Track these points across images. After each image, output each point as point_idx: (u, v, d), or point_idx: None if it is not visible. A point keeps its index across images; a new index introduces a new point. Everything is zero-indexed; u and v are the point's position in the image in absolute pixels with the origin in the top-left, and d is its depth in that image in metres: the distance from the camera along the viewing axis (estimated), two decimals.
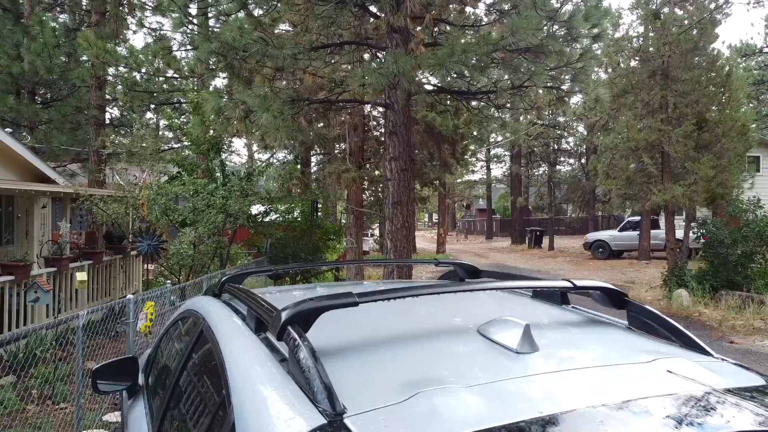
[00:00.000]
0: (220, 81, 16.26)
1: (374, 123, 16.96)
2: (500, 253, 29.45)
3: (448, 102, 12.74)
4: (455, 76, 10.41)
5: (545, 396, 1.18)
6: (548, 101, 9.81)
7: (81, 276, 9.03)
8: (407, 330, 1.63)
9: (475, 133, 15.79)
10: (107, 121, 17.89)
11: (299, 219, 14.42)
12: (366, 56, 11.71)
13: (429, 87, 11.07)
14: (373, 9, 9.80)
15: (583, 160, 34.05)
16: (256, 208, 12.44)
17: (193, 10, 15.60)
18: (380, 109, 13.67)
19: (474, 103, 11.89)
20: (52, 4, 18.27)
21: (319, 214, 18.29)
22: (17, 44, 15.58)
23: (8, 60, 15.47)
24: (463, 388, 1.16)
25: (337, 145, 16.77)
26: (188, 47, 17.11)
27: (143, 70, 16.23)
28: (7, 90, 15.87)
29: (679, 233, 15.35)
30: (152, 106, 17.59)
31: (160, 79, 16.81)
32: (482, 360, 1.37)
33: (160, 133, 17.45)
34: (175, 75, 16.81)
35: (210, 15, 15.33)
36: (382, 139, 14.35)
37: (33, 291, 8.20)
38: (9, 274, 8.13)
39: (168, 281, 8.87)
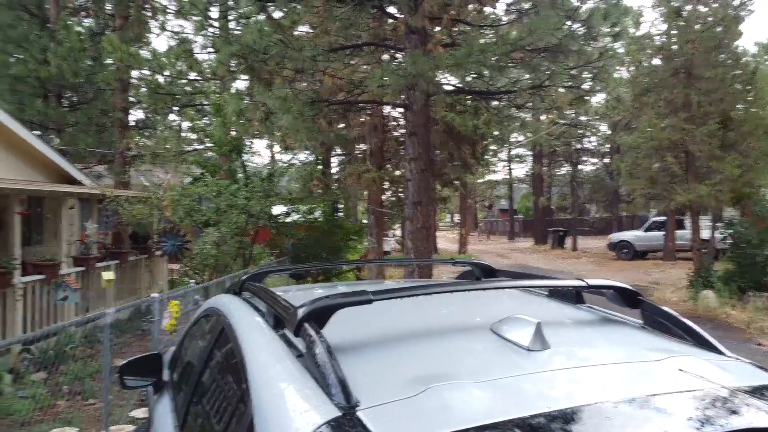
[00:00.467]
0: (241, 83, 16.42)
1: (394, 123, 16.99)
2: (522, 254, 29.24)
3: (468, 102, 12.71)
4: (475, 76, 10.40)
5: (555, 392, 1.21)
6: (568, 101, 9.75)
7: (108, 275, 9.22)
8: (421, 327, 1.66)
9: (495, 133, 15.72)
10: (132, 123, 18.19)
11: (320, 219, 14.50)
12: (385, 57, 11.75)
13: (448, 87, 11.06)
14: (391, 10, 9.83)
15: (606, 160, 33.63)
16: (277, 209, 12.54)
17: (214, 13, 15.82)
18: (400, 109, 13.69)
19: (494, 103, 11.85)
20: (77, 9, 18.61)
21: (340, 214, 18.36)
22: (44, 48, 15.92)
23: (36, 64, 15.80)
24: (473, 384, 1.18)
25: (357, 146, 16.83)
26: (210, 50, 17.33)
27: (166, 73, 16.49)
28: (35, 94, 16.21)
29: (705, 234, 15.09)
30: (175, 108, 17.84)
31: (183, 81, 17.06)
32: (494, 357, 1.39)
33: (183, 134, 17.68)
34: (197, 77, 17.05)
35: (230, 18, 15.52)
36: (402, 139, 14.36)
37: (62, 290, 8.42)
38: (39, 274, 8.34)
39: (192, 281, 9.01)
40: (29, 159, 9.93)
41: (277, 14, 9.74)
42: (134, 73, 16.80)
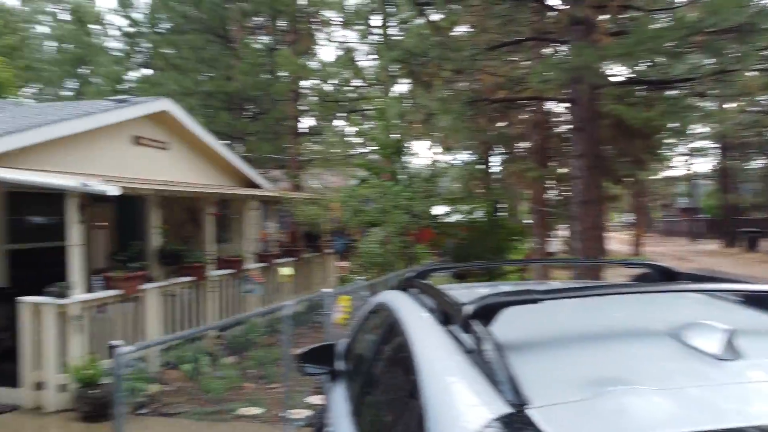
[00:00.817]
0: (402, 87, 16.91)
1: (557, 120, 16.33)
2: (707, 257, 26.40)
3: (641, 92, 11.80)
4: (650, 64, 9.64)
5: (752, 406, 1.11)
6: (761, 85, 8.62)
7: (286, 271, 10.04)
8: (591, 330, 1.60)
9: (672, 125, 14.39)
10: (303, 130, 19.61)
11: (481, 219, 14.41)
12: (546, 51, 11.35)
13: (617, 78, 10.38)
14: (551, 2, 9.48)
15: None
16: (439, 209, 12.71)
17: (375, 21, 16.49)
18: (563, 105, 13.14)
19: (670, 92, 10.87)
20: (255, 28, 20.48)
21: (502, 214, 18.07)
22: (228, 66, 17.80)
23: (222, 80, 17.75)
24: (655, 391, 1.13)
25: (518, 144, 16.43)
26: (372, 57, 18.10)
27: (333, 81, 17.54)
28: (222, 107, 18.16)
29: None
30: (341, 114, 18.89)
31: (348, 88, 18.01)
32: (677, 364, 1.31)
33: (349, 139, 18.65)
34: (361, 84, 17.91)
35: (391, 24, 16.06)
36: (566, 135, 13.79)
37: (248, 283, 9.39)
38: (229, 268, 9.37)
39: (361, 277, 9.48)
40: (218, 166, 11.20)
41: (435, 17, 9.89)
42: (304, 83, 18.14)
